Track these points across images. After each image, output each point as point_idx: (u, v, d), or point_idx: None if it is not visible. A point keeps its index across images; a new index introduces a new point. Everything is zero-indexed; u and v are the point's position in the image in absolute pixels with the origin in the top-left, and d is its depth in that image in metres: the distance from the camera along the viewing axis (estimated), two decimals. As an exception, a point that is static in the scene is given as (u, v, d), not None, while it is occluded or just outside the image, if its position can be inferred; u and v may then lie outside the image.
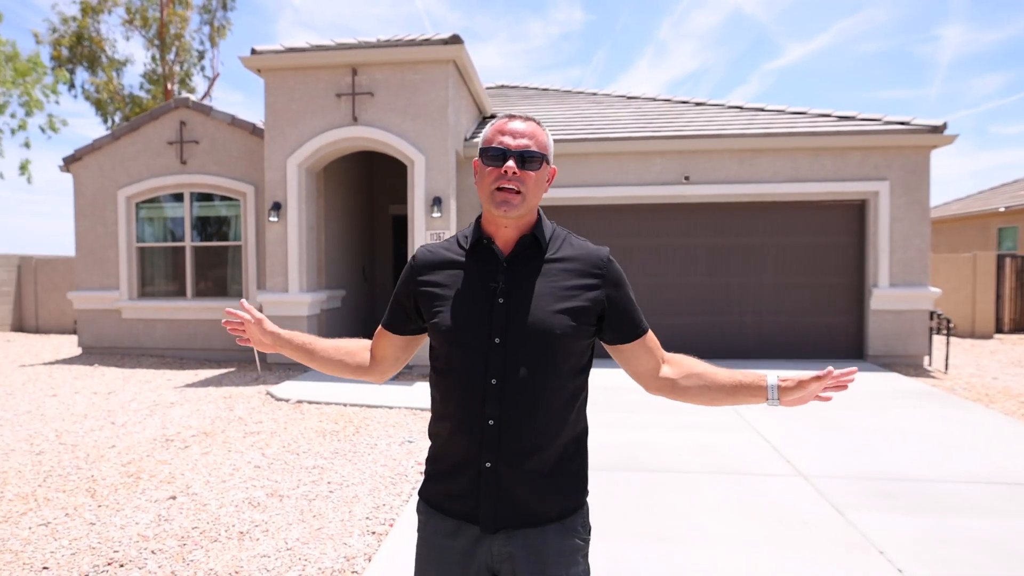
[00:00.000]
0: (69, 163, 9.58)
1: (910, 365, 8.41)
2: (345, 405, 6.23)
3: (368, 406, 6.20)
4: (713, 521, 3.43)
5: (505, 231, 1.41)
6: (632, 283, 1.54)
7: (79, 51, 21.54)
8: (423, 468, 1.95)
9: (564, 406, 1.38)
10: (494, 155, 1.36)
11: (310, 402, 6.32)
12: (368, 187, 11.21)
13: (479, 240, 1.43)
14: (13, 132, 17.21)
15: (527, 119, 1.40)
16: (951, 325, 8.51)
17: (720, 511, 3.56)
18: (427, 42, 7.65)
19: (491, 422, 1.33)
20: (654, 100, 11.16)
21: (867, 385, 6.85)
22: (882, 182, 8.49)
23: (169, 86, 22.81)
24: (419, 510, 1.48)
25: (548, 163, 1.42)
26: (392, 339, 1.55)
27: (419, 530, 1.47)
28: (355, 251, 10.57)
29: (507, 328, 1.34)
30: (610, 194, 8.91)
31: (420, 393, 6.69)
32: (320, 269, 9.23)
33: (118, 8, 22.14)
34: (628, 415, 5.76)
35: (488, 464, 1.34)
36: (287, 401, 6.36)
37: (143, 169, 9.43)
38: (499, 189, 1.35)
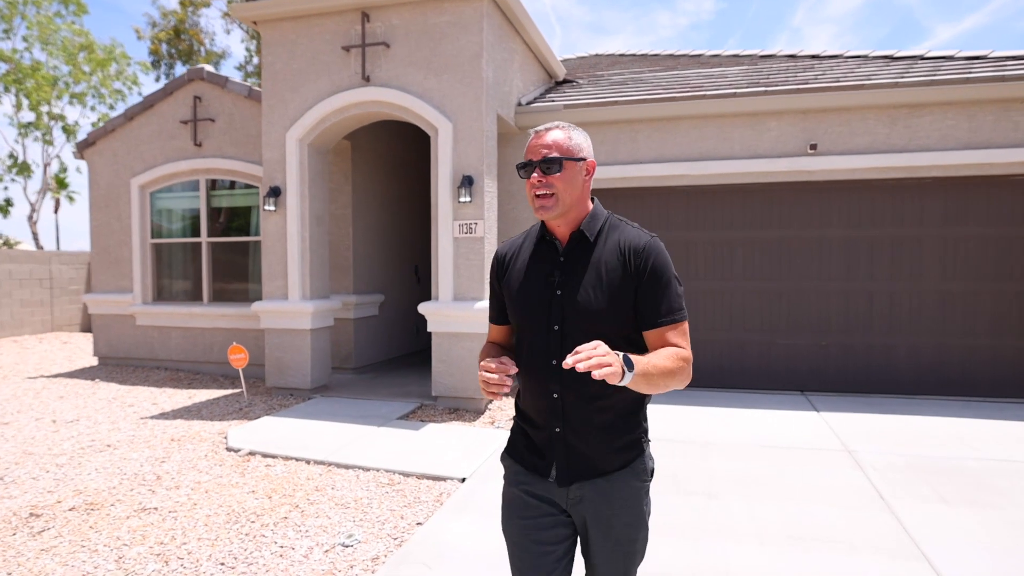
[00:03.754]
0: (82, 149, 8.66)
1: None
2: (307, 462, 4.51)
3: (336, 465, 4.45)
4: None
5: (560, 228, 1.64)
6: (732, 290, 3.34)
7: (177, 45, 21.80)
8: None
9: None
10: (525, 168, 1.59)
11: (264, 454, 4.66)
12: (422, 169, 9.52)
13: (543, 237, 1.68)
14: (93, 125, 17.29)
15: (552, 128, 1.60)
16: None
17: None
18: (455, -27, 5.82)
19: (555, 395, 1.59)
20: (773, 57, 8.69)
21: None
22: None
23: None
24: (504, 463, 1.76)
25: (577, 160, 1.58)
26: (501, 329, 1.80)
27: (505, 478, 1.75)
28: (402, 246, 8.95)
29: (563, 317, 1.58)
30: (706, 171, 6.65)
31: (422, 442, 4.87)
32: (345, 269, 7.66)
33: (219, 1, 22.33)
34: (706, 506, 3.61)
35: (557, 429, 1.61)
36: (238, 452, 4.74)
37: (157, 154, 8.31)
38: (536, 196, 1.58)
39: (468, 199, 5.86)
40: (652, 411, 5.81)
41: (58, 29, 16.34)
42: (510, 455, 1.74)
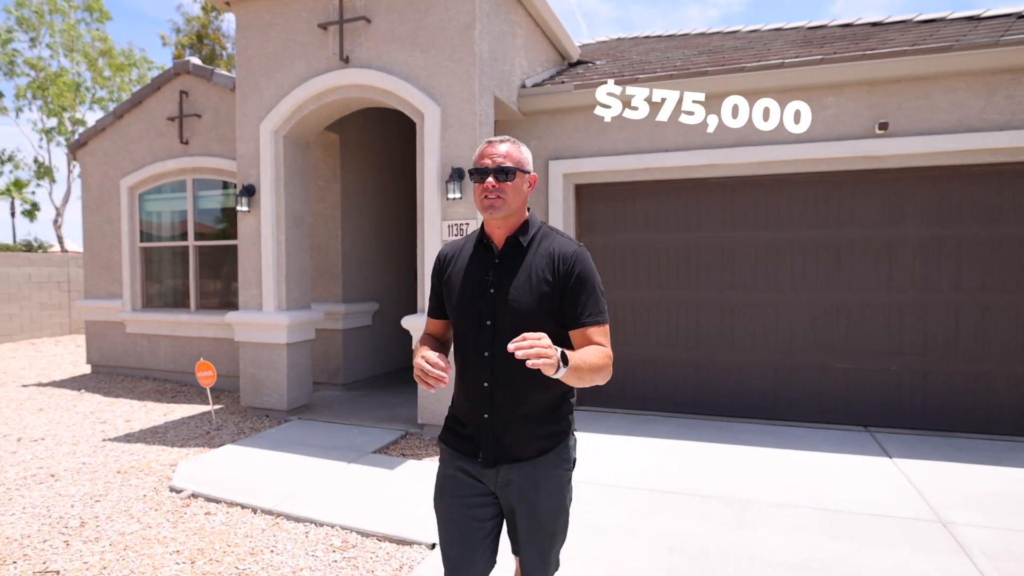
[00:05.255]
0: (75, 150, 8.23)
1: None
2: (253, 511, 3.73)
3: (286, 517, 3.64)
4: None
5: (498, 232, 1.79)
6: (778, 302, 3.04)
7: (200, 49, 21.85)
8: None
9: (540, 374, 1.58)
10: (480, 172, 1.74)
11: (208, 498, 3.90)
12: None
13: (481, 241, 1.83)
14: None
15: (505, 141, 1.78)
16: None
17: None
18: (443, -70, 4.94)
19: (485, 384, 1.76)
20: (824, 27, 7.45)
21: None
22: None
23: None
24: (440, 447, 1.93)
25: (525, 172, 1.77)
26: (438, 323, 1.95)
27: (440, 461, 1.90)
28: (400, 250, 8.17)
29: (495, 314, 1.73)
30: (745, 159, 5.56)
31: (395, 485, 4.00)
32: (334, 275, 6.92)
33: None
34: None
35: (485, 416, 1.78)
36: (180, 493, 3.99)
37: (145, 153, 7.78)
38: (486, 197, 1.73)
39: (458, 195, 4.98)
40: (675, 447, 4.78)
41: (81, 35, 16.44)
42: (444, 440, 1.91)
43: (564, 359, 1.50)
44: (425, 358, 1.63)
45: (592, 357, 1.62)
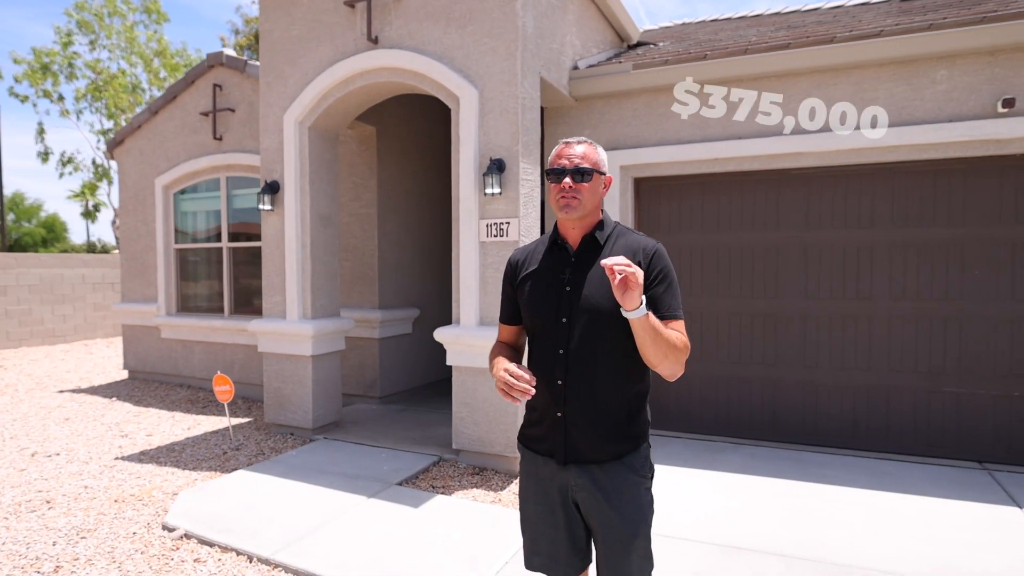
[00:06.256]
0: (112, 149, 8.06)
1: None
2: (249, 559, 3.21)
3: (284, 569, 3.11)
4: None
5: (573, 232, 1.82)
6: (872, 313, 2.96)
7: (257, 50, 22.09)
8: None
9: (616, 372, 1.74)
10: (557, 173, 1.78)
11: (201, 540, 3.41)
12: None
13: (555, 241, 1.86)
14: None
15: (580, 142, 1.81)
16: None
17: None
18: None
19: (559, 382, 1.75)
20: (920, -5, 6.47)
21: None
22: None
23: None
24: (519, 449, 1.93)
25: (601, 174, 1.81)
26: (511, 330, 1.97)
27: (520, 464, 1.93)
28: (443, 252, 7.61)
29: (571, 311, 1.75)
30: (834, 145, 4.74)
31: (419, 530, 3.41)
32: (369, 280, 6.44)
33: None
34: None
35: (559, 414, 1.77)
36: (172, 532, 3.53)
37: (180, 150, 7.51)
38: (562, 197, 1.76)
39: (497, 190, 4.37)
40: (747, 485, 4.02)
41: (138, 36, 16.71)
42: (521, 440, 1.93)
43: (648, 304, 1.61)
44: (508, 371, 1.66)
45: (671, 333, 1.66)
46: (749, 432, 5.15)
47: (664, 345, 1.61)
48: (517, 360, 1.93)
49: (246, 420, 6.03)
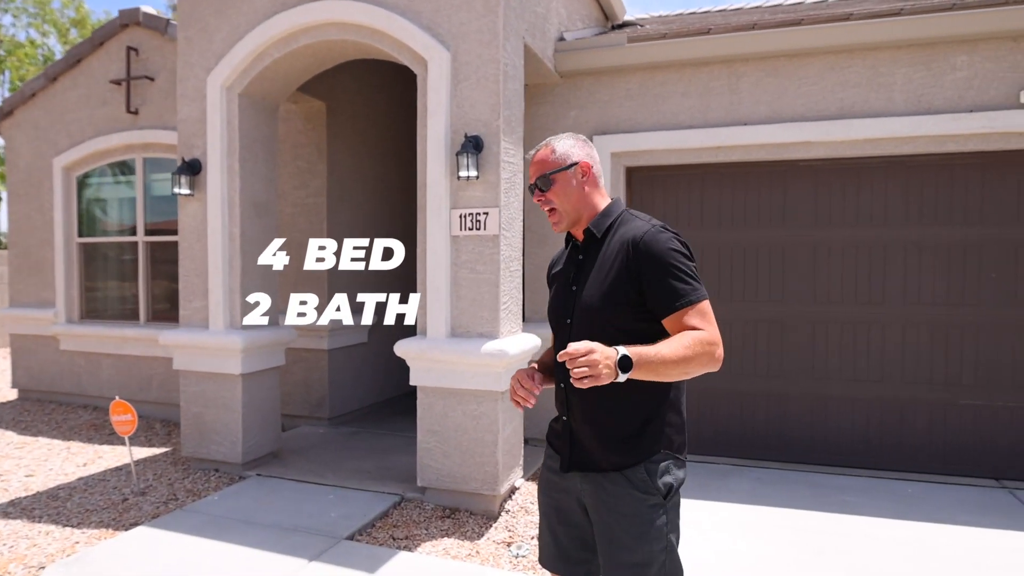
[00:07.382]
0: (-3, 122, 6.77)
1: None
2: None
3: None
4: None
5: (579, 231, 1.75)
6: (885, 320, 2.29)
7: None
8: None
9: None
10: (531, 190, 1.74)
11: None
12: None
13: (568, 238, 1.81)
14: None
15: (539, 148, 1.74)
16: None
17: None
18: None
19: (562, 385, 1.68)
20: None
21: None
22: None
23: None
24: (546, 442, 1.86)
25: (565, 169, 1.69)
26: None
27: (543, 459, 1.87)
28: (406, 246, 6.73)
29: (573, 310, 1.67)
30: (846, 135, 4.26)
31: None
32: (317, 280, 5.51)
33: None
34: None
35: (564, 418, 1.71)
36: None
37: (85, 125, 6.32)
38: (548, 214, 1.73)
39: (474, 173, 3.60)
40: (759, 519, 3.41)
41: (50, 1, 14.94)
42: (547, 437, 1.85)
43: (625, 363, 1.38)
44: (516, 375, 1.65)
45: (677, 348, 1.45)
46: (754, 451, 4.60)
47: (670, 370, 1.45)
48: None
49: (163, 451, 4.99)
